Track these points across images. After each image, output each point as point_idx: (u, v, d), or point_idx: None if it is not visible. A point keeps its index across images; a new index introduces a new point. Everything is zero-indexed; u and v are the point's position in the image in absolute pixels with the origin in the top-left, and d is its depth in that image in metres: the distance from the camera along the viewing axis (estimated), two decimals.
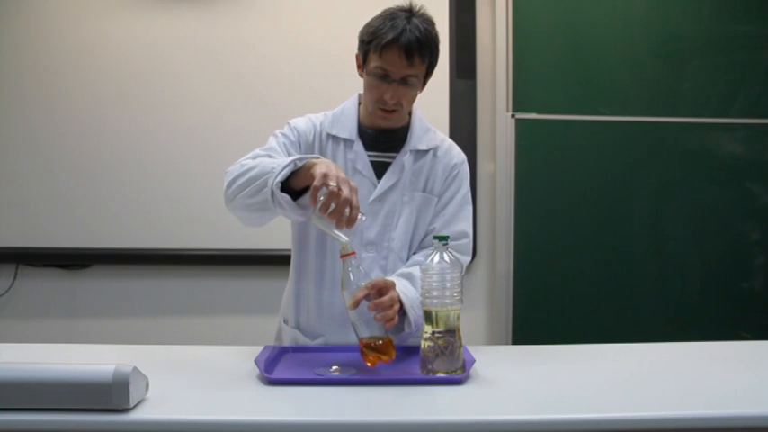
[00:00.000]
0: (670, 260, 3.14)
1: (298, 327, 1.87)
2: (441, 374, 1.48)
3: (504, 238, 3.07)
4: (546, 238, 3.10)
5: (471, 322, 3.09)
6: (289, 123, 1.84)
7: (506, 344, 3.02)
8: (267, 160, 1.64)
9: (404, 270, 1.77)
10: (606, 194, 3.12)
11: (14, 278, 3.09)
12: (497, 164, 3.09)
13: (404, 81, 1.71)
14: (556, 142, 3.09)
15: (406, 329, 1.66)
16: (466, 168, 1.91)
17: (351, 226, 1.49)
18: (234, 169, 1.67)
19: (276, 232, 2.12)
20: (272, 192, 1.54)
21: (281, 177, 1.54)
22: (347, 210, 1.48)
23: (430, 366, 1.49)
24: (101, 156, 3.03)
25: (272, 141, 1.80)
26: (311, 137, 1.82)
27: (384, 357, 1.52)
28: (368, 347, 1.53)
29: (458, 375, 1.48)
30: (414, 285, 1.68)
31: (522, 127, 3.07)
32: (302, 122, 1.84)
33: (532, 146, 3.08)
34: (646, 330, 3.07)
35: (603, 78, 3.09)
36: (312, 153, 1.79)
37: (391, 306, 1.54)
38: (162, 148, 3.04)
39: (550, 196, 3.09)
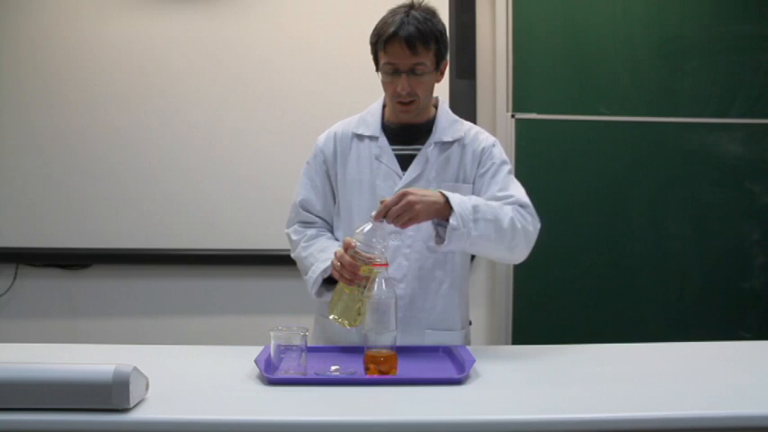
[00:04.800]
0: (670, 260, 3.13)
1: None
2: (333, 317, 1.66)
3: None
4: (546, 238, 3.06)
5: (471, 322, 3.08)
6: (316, 144, 1.97)
7: (506, 344, 3.02)
8: (308, 258, 1.87)
9: None
10: (606, 194, 3.11)
11: (14, 278, 3.08)
12: None
13: (413, 71, 1.79)
14: (556, 142, 3.09)
15: (452, 222, 1.67)
16: (499, 149, 1.94)
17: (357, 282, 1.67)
18: (290, 241, 1.95)
19: (276, 232, 2.12)
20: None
21: (314, 290, 1.83)
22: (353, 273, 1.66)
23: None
24: (101, 156, 3.03)
25: (302, 177, 1.96)
26: (331, 146, 1.94)
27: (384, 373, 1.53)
28: (372, 360, 1.54)
29: (457, 376, 1.49)
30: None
31: (522, 127, 3.07)
32: (322, 139, 1.97)
33: (532, 146, 3.08)
34: (646, 330, 3.07)
35: (603, 78, 3.09)
36: (335, 160, 1.92)
37: (411, 205, 1.62)
38: (162, 148, 3.04)
39: (550, 196, 3.08)
